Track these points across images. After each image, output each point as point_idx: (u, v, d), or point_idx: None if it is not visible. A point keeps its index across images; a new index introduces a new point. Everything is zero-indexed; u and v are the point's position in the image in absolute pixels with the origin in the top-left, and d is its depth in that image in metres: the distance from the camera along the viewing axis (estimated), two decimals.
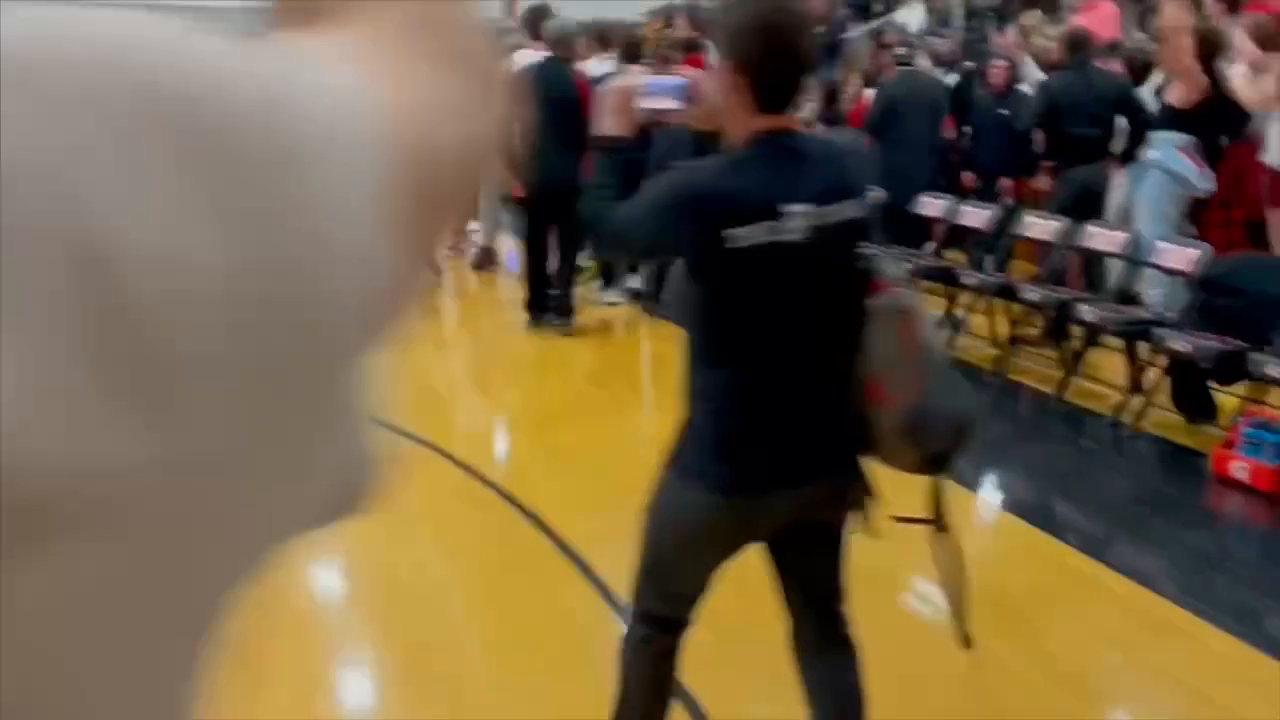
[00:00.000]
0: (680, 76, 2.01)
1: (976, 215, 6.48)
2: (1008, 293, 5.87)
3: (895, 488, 2.01)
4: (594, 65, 6.75)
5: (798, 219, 1.79)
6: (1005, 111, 7.47)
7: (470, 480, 4.24)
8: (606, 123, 2.14)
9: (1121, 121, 6.33)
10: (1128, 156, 6.27)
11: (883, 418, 1.81)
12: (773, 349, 1.86)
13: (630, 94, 2.08)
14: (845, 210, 1.85)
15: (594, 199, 2.00)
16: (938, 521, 1.98)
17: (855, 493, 1.95)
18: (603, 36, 7.24)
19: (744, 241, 1.76)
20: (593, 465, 4.34)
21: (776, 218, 1.78)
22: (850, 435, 1.88)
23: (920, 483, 2.01)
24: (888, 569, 3.05)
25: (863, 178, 1.93)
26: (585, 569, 3.43)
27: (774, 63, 1.80)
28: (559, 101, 5.73)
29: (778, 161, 1.82)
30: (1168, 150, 6.02)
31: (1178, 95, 5.97)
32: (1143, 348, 5.08)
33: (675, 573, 2.00)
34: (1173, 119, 5.99)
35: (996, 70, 7.70)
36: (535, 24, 7.18)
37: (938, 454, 1.86)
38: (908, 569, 3.18)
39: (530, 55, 6.84)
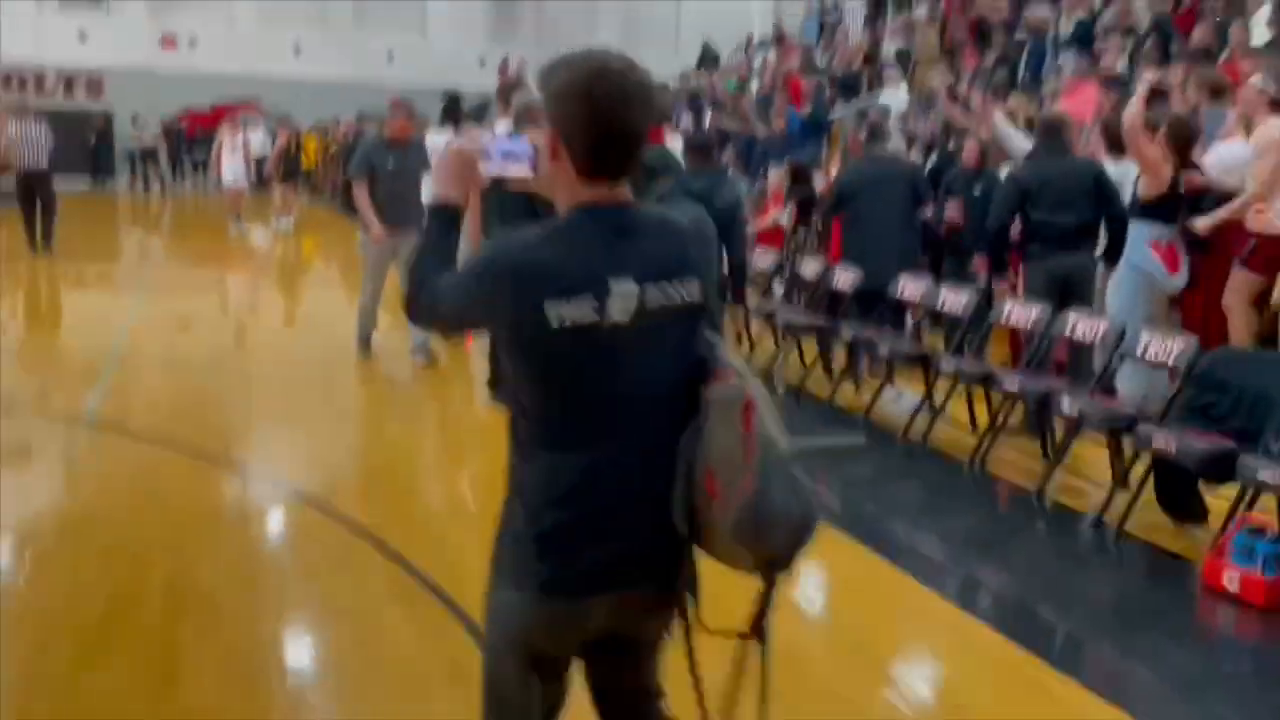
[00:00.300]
0: (526, 140, 1.80)
1: (954, 300, 6.28)
2: (987, 380, 5.64)
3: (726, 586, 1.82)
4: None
5: (621, 298, 1.68)
6: (977, 193, 7.37)
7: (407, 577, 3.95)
8: (446, 188, 1.90)
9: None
10: (1112, 254, 6.11)
11: (714, 515, 1.68)
12: (595, 437, 1.73)
13: (472, 157, 1.87)
14: (677, 291, 1.74)
15: (418, 266, 1.82)
16: (758, 635, 1.78)
17: (680, 599, 1.81)
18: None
19: (561, 320, 1.66)
20: None
21: (598, 295, 1.67)
22: (679, 535, 1.74)
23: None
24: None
25: (702, 257, 1.81)
26: None
27: (597, 131, 1.69)
28: None
29: (602, 236, 1.71)
30: (1137, 245, 5.90)
31: (1144, 186, 5.91)
32: (1130, 442, 4.83)
33: (503, 687, 1.86)
34: (1143, 210, 5.89)
35: (968, 148, 7.58)
36: (507, 96, 7.10)
37: (774, 556, 1.71)
38: None
39: (501, 127, 6.73)
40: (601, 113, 1.68)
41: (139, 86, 25.11)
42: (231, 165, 16.34)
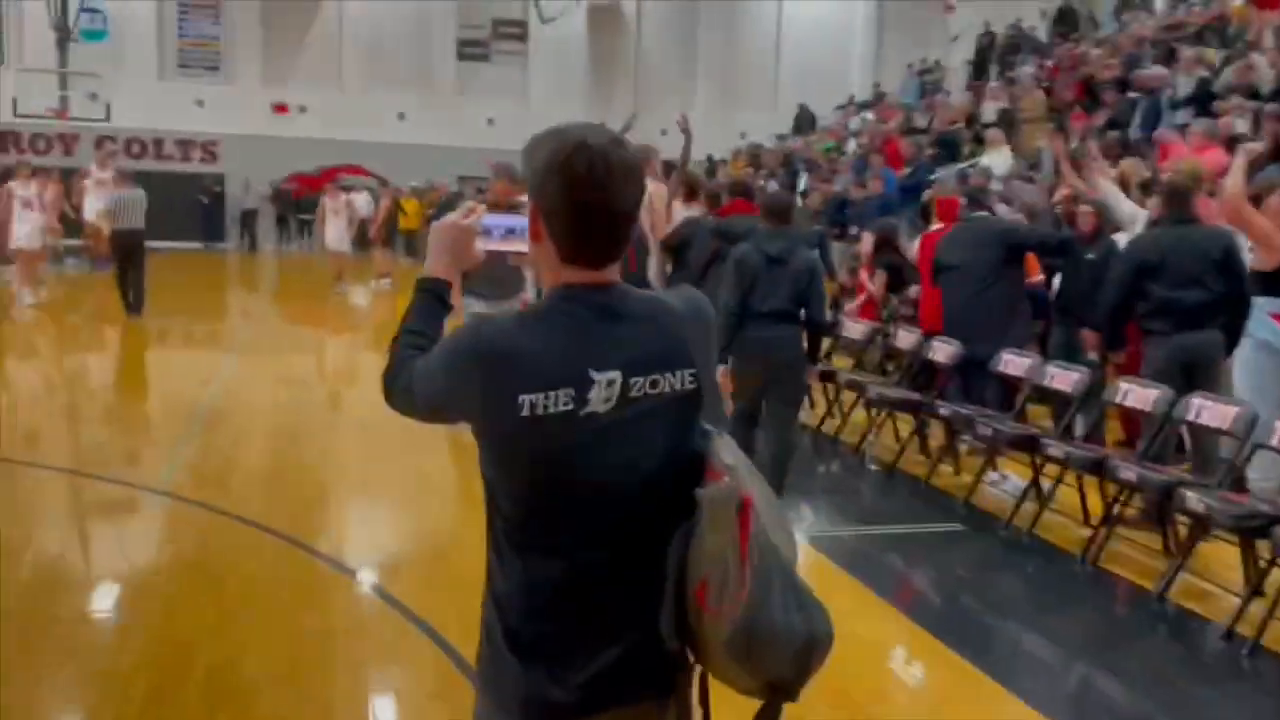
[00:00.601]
0: (522, 215, 1.70)
1: (1063, 377, 5.81)
2: (1101, 467, 5.15)
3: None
4: None
5: (604, 388, 1.56)
6: (1092, 256, 6.86)
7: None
8: (438, 263, 1.82)
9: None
10: (1232, 331, 5.56)
11: (706, 629, 1.53)
12: (574, 540, 1.59)
13: (468, 231, 1.79)
14: (667, 380, 1.61)
15: (397, 345, 1.74)
16: None
17: (683, 709, 1.66)
18: None
19: (538, 410, 1.54)
20: None
21: (579, 386, 1.55)
22: (669, 650, 1.60)
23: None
24: None
25: (697, 343, 1.66)
26: None
27: (577, 212, 1.58)
28: None
29: (585, 321, 1.59)
30: (1260, 319, 5.39)
31: (1258, 259, 5.43)
32: (1267, 546, 4.32)
33: None
34: (1263, 283, 5.39)
35: (1083, 215, 7.08)
36: None
37: (776, 681, 1.49)
38: None
39: None
40: (580, 192, 1.56)
41: (251, 151, 26.09)
42: (335, 227, 16.61)
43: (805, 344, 5.67)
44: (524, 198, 1.62)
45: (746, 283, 5.55)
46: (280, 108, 27.05)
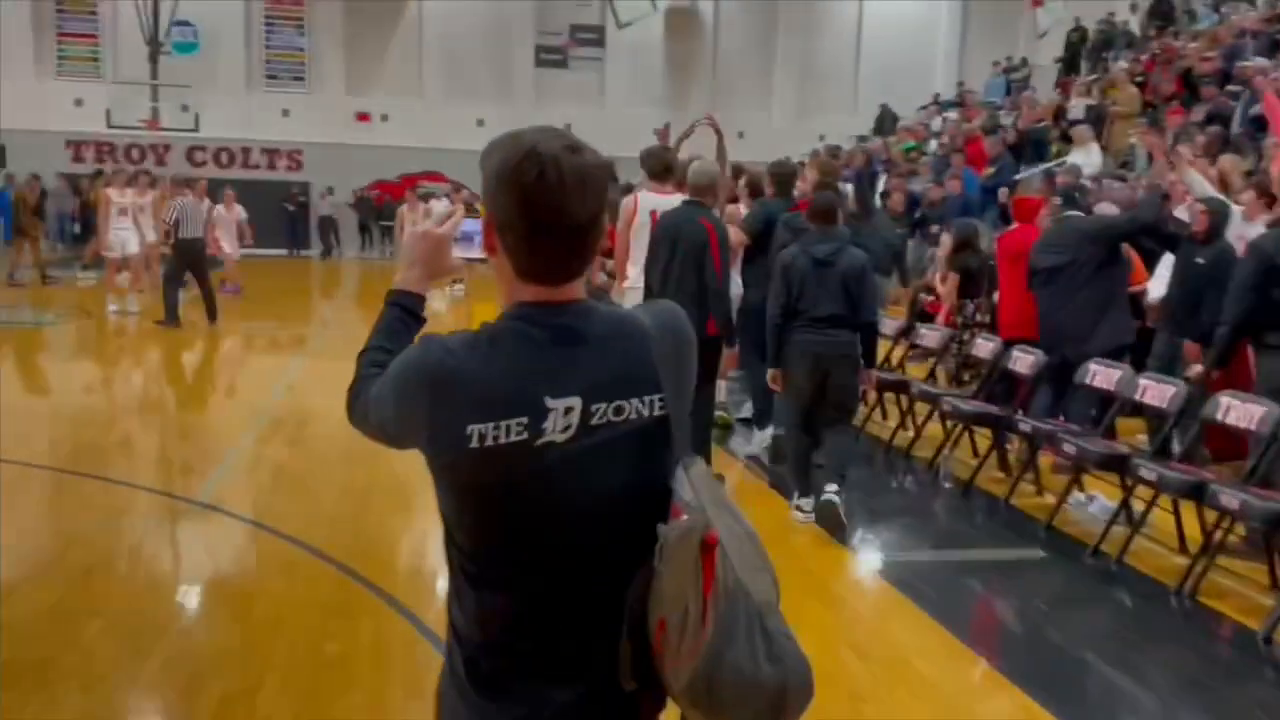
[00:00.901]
0: None
1: (1158, 392, 5.34)
2: (1199, 492, 4.69)
3: None
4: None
5: (561, 416, 1.46)
6: (1201, 260, 6.31)
7: None
8: (411, 274, 1.72)
9: None
10: None
11: (666, 674, 1.44)
12: (529, 574, 1.50)
13: (441, 240, 1.71)
14: (633, 407, 1.50)
15: (364, 365, 1.64)
16: None
17: None
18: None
19: (487, 441, 1.44)
20: None
21: (533, 414, 1.45)
22: (629, 695, 1.50)
23: None
24: None
25: (669, 366, 1.54)
26: None
27: (530, 224, 1.47)
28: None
29: (542, 344, 1.49)
30: None
31: None
32: None
33: None
34: None
35: (1197, 214, 6.50)
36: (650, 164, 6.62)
37: None
38: None
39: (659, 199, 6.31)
40: (530, 203, 1.45)
41: (334, 159, 26.48)
42: None
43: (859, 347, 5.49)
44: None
45: (795, 288, 5.41)
46: (363, 116, 27.42)
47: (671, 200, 6.47)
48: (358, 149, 26.62)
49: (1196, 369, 5.91)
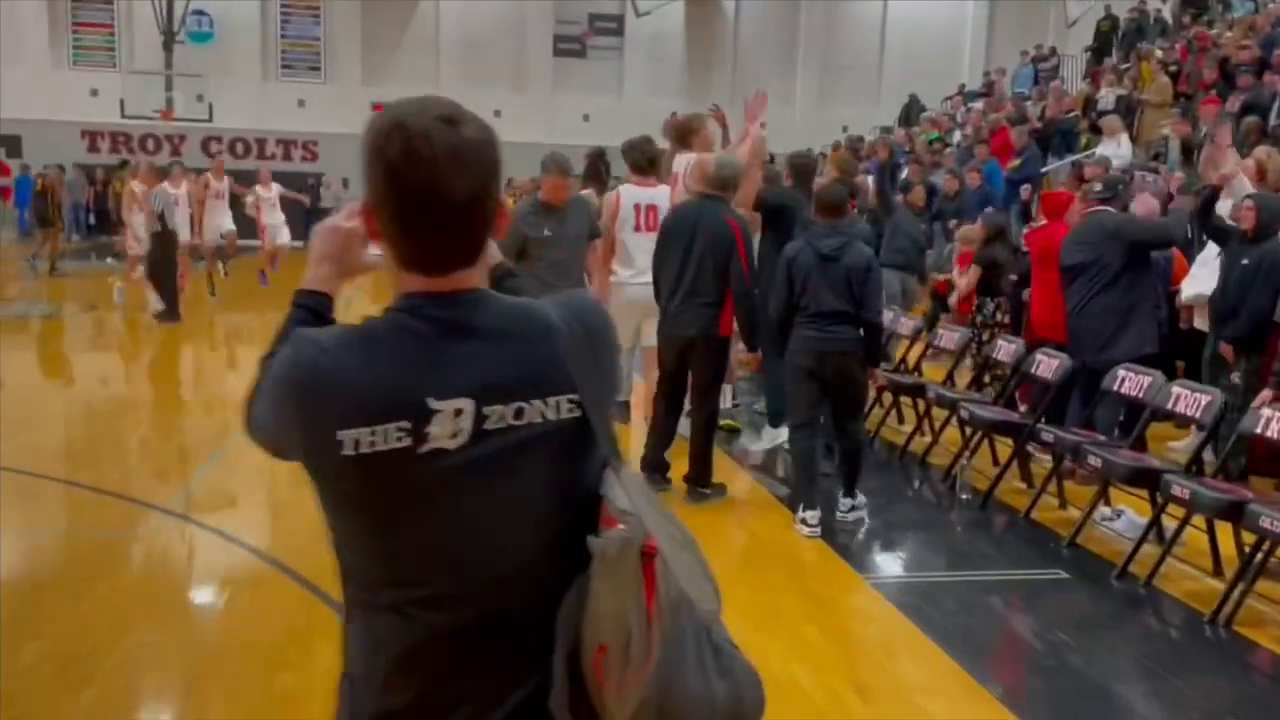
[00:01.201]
0: None
1: (1192, 401, 4.95)
2: (1236, 511, 4.31)
3: None
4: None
5: (450, 420, 1.31)
6: (1246, 262, 5.89)
7: None
8: (319, 272, 1.56)
9: None
10: None
11: (608, 704, 1.29)
12: (432, 603, 1.35)
13: (355, 237, 1.53)
14: (538, 408, 1.35)
15: (262, 371, 1.46)
16: None
17: None
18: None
19: (363, 448, 1.30)
20: None
21: (415, 418, 1.31)
22: None
23: None
24: None
25: (583, 363, 1.38)
26: None
27: (401, 205, 1.33)
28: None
29: (426, 339, 1.34)
30: None
31: None
32: None
33: None
34: None
35: (1244, 211, 6.05)
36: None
37: None
38: None
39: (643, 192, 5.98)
40: (401, 180, 1.31)
41: (350, 150, 26.09)
42: None
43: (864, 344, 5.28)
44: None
45: (798, 282, 5.20)
46: (379, 107, 27.00)
47: (657, 193, 6.17)
48: None
49: (1235, 376, 5.53)
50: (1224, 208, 6.43)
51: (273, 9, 27.14)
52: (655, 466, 5.70)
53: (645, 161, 6.14)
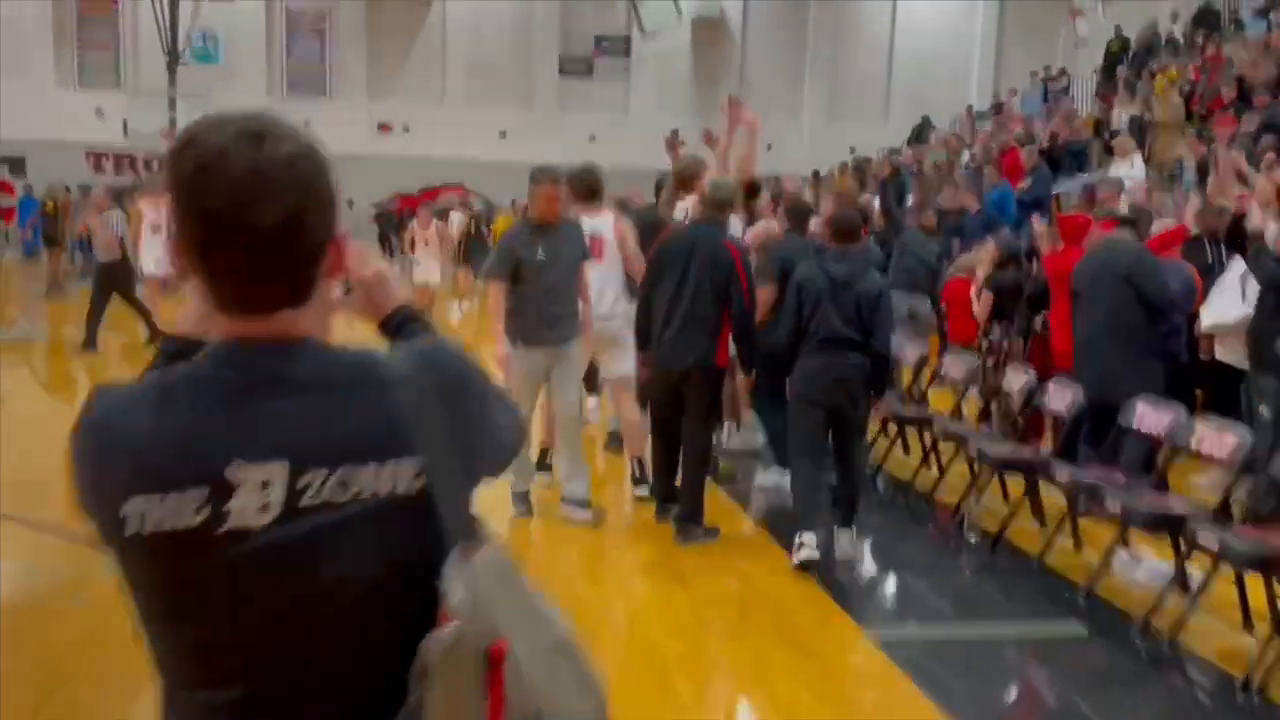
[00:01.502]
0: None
1: (1216, 441, 4.60)
2: (1269, 566, 3.96)
3: None
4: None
5: (255, 492, 1.09)
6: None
7: None
8: (190, 310, 1.28)
9: None
10: None
11: None
12: (249, 708, 1.12)
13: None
14: (366, 479, 1.11)
15: None
16: None
17: None
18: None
19: (149, 526, 1.09)
20: None
21: (213, 488, 1.09)
22: None
23: None
24: None
25: (433, 426, 1.15)
26: None
27: (199, 234, 1.13)
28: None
29: (232, 393, 1.13)
30: None
31: None
32: None
33: None
34: None
35: (1273, 231, 5.72)
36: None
37: None
38: None
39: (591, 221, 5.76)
40: (196, 205, 1.12)
41: (355, 170, 26.05)
42: (427, 257, 13.77)
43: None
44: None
45: (808, 307, 5.02)
46: (384, 127, 27.09)
47: (604, 221, 5.94)
48: (379, 160, 26.27)
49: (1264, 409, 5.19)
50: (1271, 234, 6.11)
51: (278, 29, 27.10)
52: (665, 498, 5.52)
53: (586, 190, 5.92)
